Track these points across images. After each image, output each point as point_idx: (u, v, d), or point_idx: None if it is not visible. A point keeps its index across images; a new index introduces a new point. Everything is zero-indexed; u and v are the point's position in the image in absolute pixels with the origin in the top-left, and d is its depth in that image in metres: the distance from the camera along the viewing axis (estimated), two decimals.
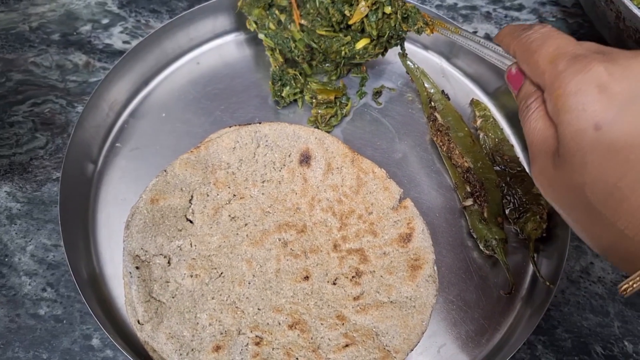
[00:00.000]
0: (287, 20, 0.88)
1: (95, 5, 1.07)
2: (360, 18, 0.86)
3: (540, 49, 0.56)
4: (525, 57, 0.59)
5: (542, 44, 0.57)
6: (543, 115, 0.56)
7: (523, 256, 0.85)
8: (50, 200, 0.88)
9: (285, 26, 0.89)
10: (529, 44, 0.58)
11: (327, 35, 0.87)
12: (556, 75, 0.53)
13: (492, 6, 1.11)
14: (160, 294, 0.74)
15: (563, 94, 0.52)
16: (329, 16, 0.86)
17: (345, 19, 0.86)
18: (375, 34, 0.88)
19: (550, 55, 0.55)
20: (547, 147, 0.55)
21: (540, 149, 0.56)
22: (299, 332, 0.73)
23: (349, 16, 0.86)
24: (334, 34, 0.87)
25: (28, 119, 0.94)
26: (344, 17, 0.86)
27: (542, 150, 0.56)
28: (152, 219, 0.78)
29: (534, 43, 0.58)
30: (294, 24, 0.88)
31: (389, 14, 0.87)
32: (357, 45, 0.89)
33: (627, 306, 0.84)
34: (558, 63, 0.53)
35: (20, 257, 0.84)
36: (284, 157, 0.85)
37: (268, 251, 0.79)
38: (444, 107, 0.94)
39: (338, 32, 0.88)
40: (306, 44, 0.89)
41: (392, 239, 0.80)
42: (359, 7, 0.85)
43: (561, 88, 0.52)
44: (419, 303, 0.76)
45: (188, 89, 0.96)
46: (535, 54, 0.57)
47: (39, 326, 0.80)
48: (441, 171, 0.91)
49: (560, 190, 0.56)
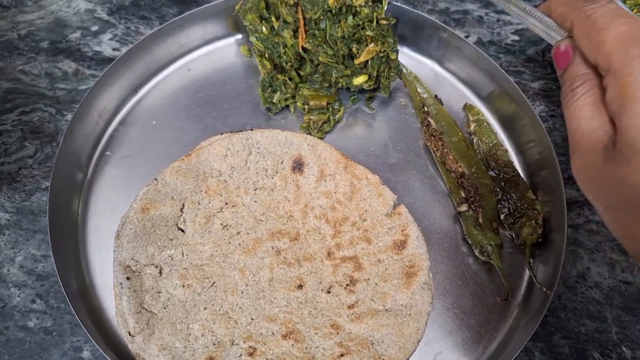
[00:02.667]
0: (281, 27, 0.88)
1: (85, 13, 1.06)
2: (366, 59, 0.87)
3: (608, 27, 0.51)
4: (586, 32, 0.53)
5: (611, 21, 0.51)
6: (593, 101, 0.52)
7: (519, 262, 0.84)
8: (40, 210, 0.87)
9: (278, 32, 0.89)
10: (595, 19, 0.52)
11: (328, 63, 0.88)
12: (627, 61, 0.48)
13: (484, 10, 1.10)
14: (152, 305, 0.73)
15: (635, 82, 0.47)
16: (336, 48, 0.86)
17: (351, 54, 0.87)
18: (375, 74, 0.90)
19: (622, 36, 0.50)
20: (597, 137, 0.51)
21: (588, 139, 0.52)
22: (293, 342, 0.72)
23: (356, 54, 0.86)
24: (335, 64, 0.88)
25: (17, 127, 0.93)
26: (350, 52, 0.87)
27: (590, 140, 0.52)
28: (143, 229, 0.77)
29: (601, 19, 0.52)
30: (287, 30, 0.88)
31: (394, 59, 0.89)
32: (355, 81, 0.91)
33: (624, 311, 0.84)
34: (630, 47, 0.49)
35: (9, 268, 0.83)
36: (276, 164, 0.84)
37: (261, 260, 0.78)
38: (438, 111, 0.93)
39: (340, 63, 0.88)
40: (296, 52, 0.88)
41: (386, 246, 0.80)
42: (367, 48, 0.86)
43: (632, 75, 0.47)
44: (415, 311, 0.75)
45: (179, 95, 0.95)
46: (602, 31, 0.51)
47: (28, 338, 0.78)
48: (435, 176, 0.91)
49: (606, 186, 0.51)
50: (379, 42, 0.88)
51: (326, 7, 0.85)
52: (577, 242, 0.88)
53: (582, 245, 0.88)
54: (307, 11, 0.86)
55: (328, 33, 0.86)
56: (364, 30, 0.86)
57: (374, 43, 0.87)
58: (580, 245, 0.88)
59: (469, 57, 0.95)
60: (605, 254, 0.88)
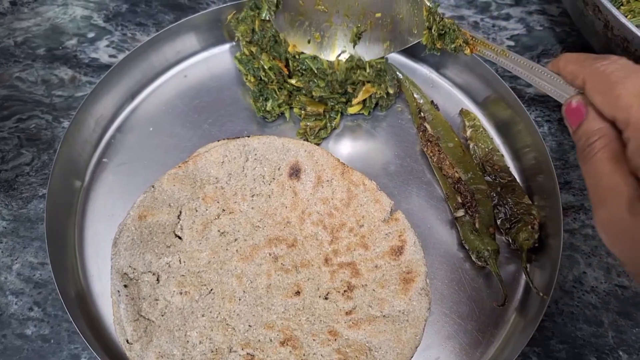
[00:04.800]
0: (258, 52, 0.89)
1: (81, 19, 1.06)
2: (363, 99, 0.90)
3: (624, 81, 0.51)
4: (601, 88, 0.54)
5: (626, 76, 0.52)
6: (612, 156, 0.52)
7: (515, 267, 0.84)
8: (37, 217, 0.87)
9: (257, 56, 0.90)
10: (609, 74, 0.53)
11: (324, 94, 0.89)
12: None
13: (480, 16, 1.11)
14: (150, 312, 0.73)
15: None
16: (333, 88, 0.89)
17: (347, 94, 0.91)
18: (372, 106, 0.93)
19: (639, 89, 0.50)
20: (621, 192, 0.50)
21: (611, 194, 0.51)
22: (291, 349, 0.72)
23: (352, 94, 0.90)
24: (330, 95, 0.89)
25: (13, 134, 0.93)
26: (346, 92, 0.90)
27: (613, 195, 0.51)
28: (140, 236, 0.77)
29: (616, 74, 0.53)
30: (265, 54, 0.89)
31: (392, 93, 0.92)
32: (350, 110, 0.92)
33: (621, 316, 0.84)
34: None
35: (7, 276, 0.82)
36: (273, 170, 0.84)
37: (258, 266, 0.78)
38: (434, 117, 0.93)
39: (335, 93, 0.90)
40: (279, 71, 0.90)
41: (383, 251, 0.80)
42: (364, 88, 0.88)
43: None
44: (412, 317, 0.75)
45: (175, 102, 0.95)
46: (618, 85, 0.52)
47: (26, 346, 0.78)
48: (432, 182, 0.91)
49: (633, 240, 0.50)
50: (376, 84, 0.89)
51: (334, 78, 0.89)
52: (574, 246, 0.89)
53: (579, 250, 0.88)
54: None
55: (322, 78, 0.89)
56: (358, 73, 0.88)
57: (371, 84, 0.89)
58: (576, 250, 0.88)
59: (465, 63, 0.96)
60: (602, 258, 0.88)
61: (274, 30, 0.90)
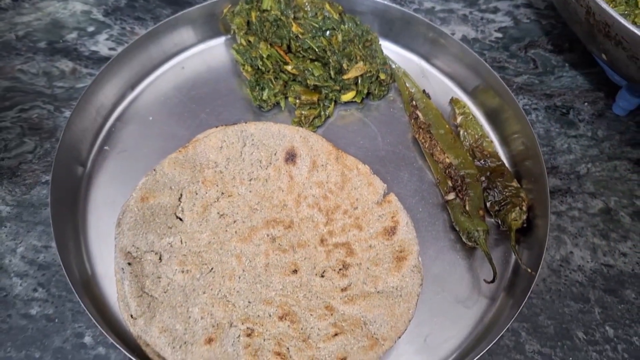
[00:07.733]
0: (256, 41, 0.92)
1: (81, 14, 1.08)
2: (354, 76, 0.92)
3: None
4: None
5: None
6: None
7: (504, 248, 0.87)
8: (40, 202, 0.89)
9: (255, 46, 0.93)
10: None
11: (318, 83, 0.92)
12: None
13: (469, 9, 1.14)
14: (153, 289, 0.75)
15: None
16: (328, 68, 0.92)
17: (342, 71, 0.93)
18: (365, 92, 0.96)
19: None
20: None
21: None
22: (289, 323, 0.74)
23: (346, 70, 0.91)
24: (324, 82, 0.92)
25: (16, 124, 0.95)
26: (341, 68, 0.92)
27: None
28: (143, 217, 0.79)
29: None
30: (264, 42, 0.92)
31: (384, 79, 0.95)
32: (344, 97, 0.95)
33: (607, 293, 0.87)
34: None
35: (11, 259, 0.85)
36: (270, 155, 0.87)
37: (257, 246, 0.80)
38: (425, 105, 0.96)
39: (328, 80, 0.92)
40: (277, 61, 0.93)
41: (377, 232, 0.82)
42: (356, 66, 0.90)
43: None
44: (405, 292, 0.77)
45: (174, 93, 0.98)
46: None
47: (30, 326, 0.80)
48: (423, 167, 0.94)
49: None
50: (367, 62, 0.92)
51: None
52: (561, 228, 0.92)
53: (566, 231, 0.91)
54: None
55: (317, 47, 0.91)
56: (353, 47, 0.91)
57: (363, 62, 0.92)
58: (563, 231, 0.91)
59: (455, 54, 0.99)
60: (588, 239, 0.91)
61: (276, 14, 0.92)
